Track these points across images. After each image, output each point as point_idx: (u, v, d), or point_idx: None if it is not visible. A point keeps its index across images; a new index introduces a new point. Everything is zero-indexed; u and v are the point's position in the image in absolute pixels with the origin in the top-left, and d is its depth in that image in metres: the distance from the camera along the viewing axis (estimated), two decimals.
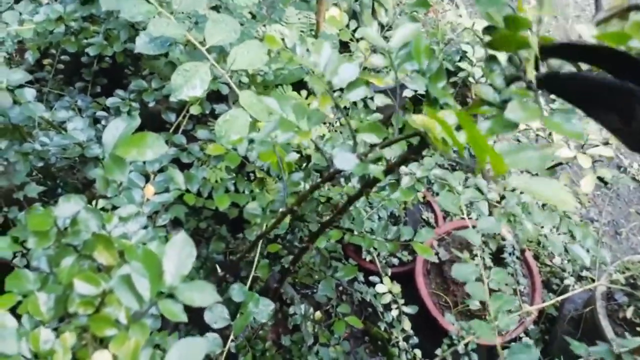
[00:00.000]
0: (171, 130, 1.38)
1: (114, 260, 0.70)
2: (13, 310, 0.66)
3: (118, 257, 0.72)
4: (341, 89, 0.75)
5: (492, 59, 0.63)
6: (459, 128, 0.54)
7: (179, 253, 0.59)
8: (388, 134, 0.71)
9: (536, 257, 2.01)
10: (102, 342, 0.63)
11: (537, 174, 1.30)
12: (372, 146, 0.74)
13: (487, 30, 0.67)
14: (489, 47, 0.67)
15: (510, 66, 0.61)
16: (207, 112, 1.34)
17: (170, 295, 0.58)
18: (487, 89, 0.59)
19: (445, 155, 0.53)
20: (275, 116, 0.72)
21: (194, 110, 1.29)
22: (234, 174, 1.26)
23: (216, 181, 1.25)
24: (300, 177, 0.97)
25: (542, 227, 1.20)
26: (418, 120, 0.52)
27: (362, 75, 0.71)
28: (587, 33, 0.58)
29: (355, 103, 1.34)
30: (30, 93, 1.07)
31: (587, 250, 1.10)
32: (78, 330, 0.63)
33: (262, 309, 0.99)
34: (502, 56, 0.63)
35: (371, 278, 1.50)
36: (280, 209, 0.92)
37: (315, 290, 1.98)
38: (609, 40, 0.49)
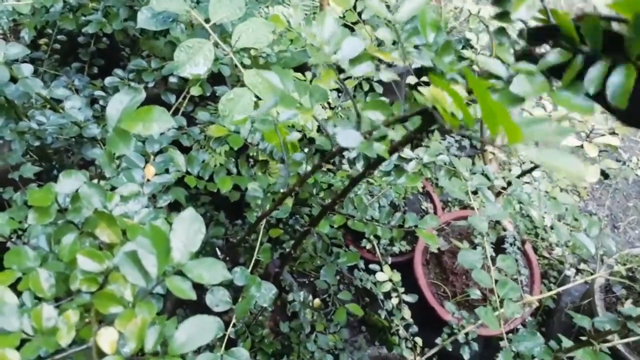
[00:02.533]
0: (171, 112, 1.35)
1: (117, 238, 0.68)
2: (13, 288, 0.63)
3: (121, 235, 0.69)
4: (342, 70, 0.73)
5: (501, 32, 0.61)
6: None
7: (187, 229, 0.57)
8: (392, 112, 0.69)
9: (534, 250, 2.00)
10: (102, 323, 0.61)
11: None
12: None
13: (497, 1, 0.65)
14: (498, 19, 0.65)
15: (520, 40, 0.59)
16: (208, 94, 1.31)
17: (178, 273, 0.56)
18: (495, 63, 0.57)
19: (454, 129, 0.52)
20: (276, 92, 0.70)
21: (195, 91, 1.26)
22: (234, 159, 1.24)
23: (215, 165, 1.23)
24: (302, 157, 0.94)
25: (545, 216, 1.19)
26: (427, 92, 0.50)
27: (367, 51, 0.68)
28: (600, 2, 0.56)
29: (361, 86, 1.31)
30: (27, 69, 1.03)
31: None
32: (80, 309, 0.60)
33: (264, 293, 0.97)
34: (511, 29, 0.61)
35: (371, 266, 1.48)
36: (282, 190, 0.90)
37: (312, 279, 1.97)
38: (623, 9, 0.48)
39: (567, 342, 1.06)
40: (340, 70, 0.76)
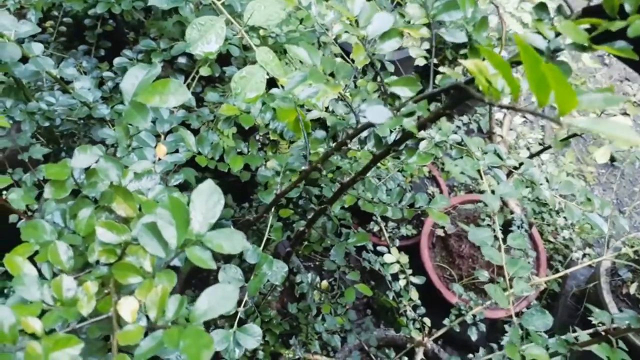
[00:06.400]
0: None
1: (133, 212, 0.68)
2: (30, 260, 0.64)
3: (137, 209, 0.69)
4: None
5: (541, 7, 0.61)
6: None
7: (206, 200, 0.57)
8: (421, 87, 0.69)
9: (540, 234, 2.00)
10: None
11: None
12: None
13: None
14: None
15: (559, 15, 0.59)
16: (217, 74, 1.31)
17: (197, 244, 0.56)
18: (536, 37, 0.57)
19: (495, 102, 0.50)
20: (304, 68, 0.70)
21: (204, 71, 1.25)
22: (242, 141, 1.23)
23: (224, 148, 1.22)
24: (324, 135, 0.94)
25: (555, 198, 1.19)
26: (468, 63, 0.49)
27: (396, 26, 0.68)
28: None
29: (372, 65, 1.30)
30: (38, 47, 1.03)
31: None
32: (99, 281, 0.61)
33: (276, 271, 0.97)
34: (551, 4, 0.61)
35: (379, 248, 1.48)
36: (302, 167, 0.90)
37: (318, 262, 1.97)
38: None
39: (584, 336, 1.03)
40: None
